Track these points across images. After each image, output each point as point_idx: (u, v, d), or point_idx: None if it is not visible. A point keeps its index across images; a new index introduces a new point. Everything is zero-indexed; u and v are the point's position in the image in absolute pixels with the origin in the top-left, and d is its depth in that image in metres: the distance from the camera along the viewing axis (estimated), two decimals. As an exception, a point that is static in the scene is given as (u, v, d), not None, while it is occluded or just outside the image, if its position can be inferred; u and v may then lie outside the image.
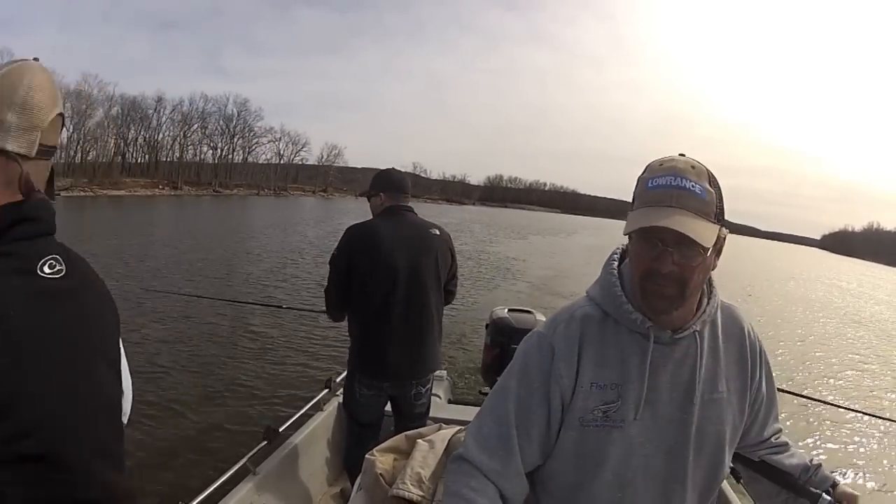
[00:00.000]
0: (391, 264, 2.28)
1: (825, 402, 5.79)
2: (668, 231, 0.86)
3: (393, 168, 2.50)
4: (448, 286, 2.48)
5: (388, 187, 2.38)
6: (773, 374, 1.11)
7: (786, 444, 1.16)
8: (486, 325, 3.82)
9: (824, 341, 12.56)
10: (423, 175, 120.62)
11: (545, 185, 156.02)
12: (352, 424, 2.49)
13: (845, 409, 6.09)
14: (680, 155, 0.94)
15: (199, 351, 6.72)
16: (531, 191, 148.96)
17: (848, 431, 6.37)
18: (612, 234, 49.39)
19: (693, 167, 0.90)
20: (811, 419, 6.50)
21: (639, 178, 0.95)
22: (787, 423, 6.33)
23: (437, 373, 3.68)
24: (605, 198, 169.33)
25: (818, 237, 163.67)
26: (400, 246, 2.29)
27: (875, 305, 23.89)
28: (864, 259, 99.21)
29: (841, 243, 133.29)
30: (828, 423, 6.43)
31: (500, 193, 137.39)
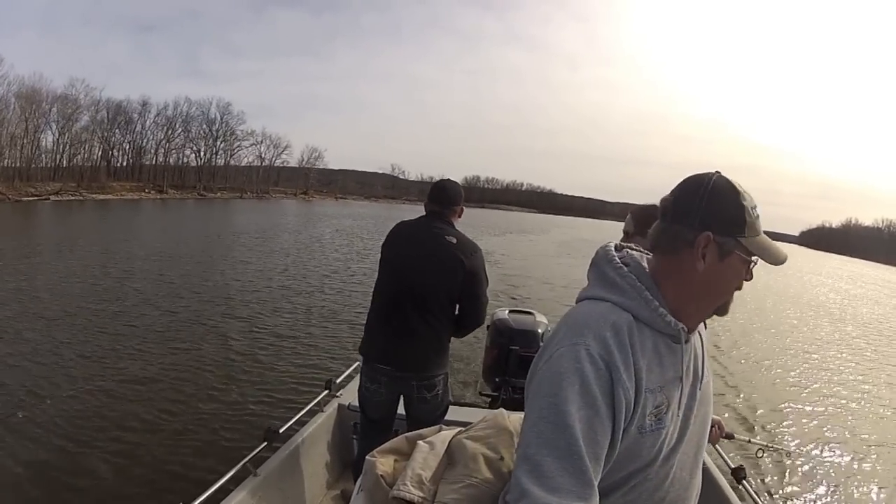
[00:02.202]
0: (398, 261, 2.43)
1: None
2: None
3: (447, 180, 2.58)
4: (463, 303, 2.45)
5: (428, 195, 2.53)
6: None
7: None
8: (487, 326, 3.83)
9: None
10: (401, 177, 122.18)
11: (522, 184, 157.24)
12: (362, 419, 2.55)
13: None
14: (717, 172, 1.00)
15: (198, 352, 6.76)
16: (508, 191, 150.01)
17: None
18: (583, 231, 51.75)
19: None
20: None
21: (734, 201, 0.97)
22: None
23: None
24: (581, 197, 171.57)
25: (797, 233, 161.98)
26: (410, 246, 2.42)
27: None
28: (841, 254, 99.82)
29: (819, 239, 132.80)
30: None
31: (477, 194, 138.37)
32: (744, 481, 2.23)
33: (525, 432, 0.90)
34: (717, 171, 0.99)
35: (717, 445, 2.26)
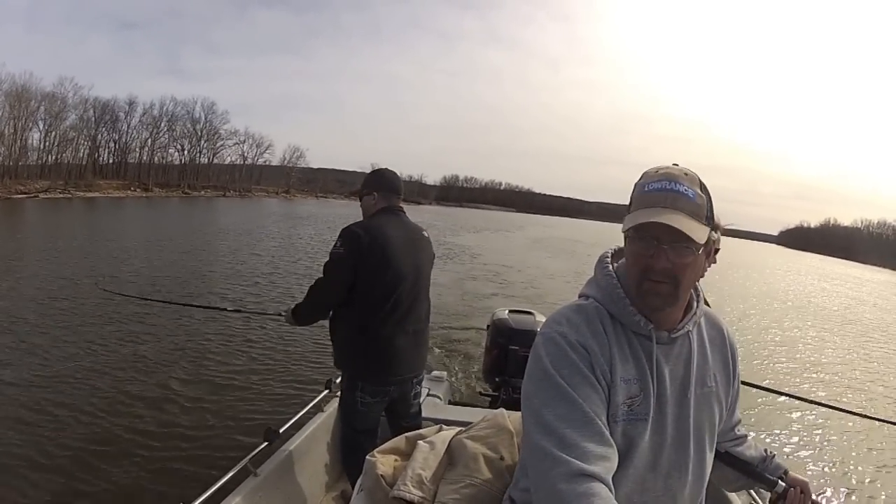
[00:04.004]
0: (399, 266, 2.29)
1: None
2: (664, 227, 0.95)
3: (386, 168, 2.47)
4: None
5: (382, 187, 2.39)
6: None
7: (745, 436, 1.31)
8: (487, 327, 3.90)
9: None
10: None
11: (501, 184, 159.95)
12: (348, 430, 2.48)
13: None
14: (674, 165, 1.03)
15: (198, 353, 6.70)
16: (487, 190, 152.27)
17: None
18: (560, 231, 53.58)
19: (686, 174, 1.00)
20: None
21: (635, 184, 1.03)
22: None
23: (437, 374, 3.77)
24: (559, 196, 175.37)
25: (776, 233, 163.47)
26: (404, 248, 2.32)
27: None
28: (820, 253, 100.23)
29: (797, 239, 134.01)
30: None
31: (456, 193, 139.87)
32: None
33: (536, 409, 0.96)
34: (673, 165, 1.03)
35: None
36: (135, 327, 7.60)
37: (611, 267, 1.10)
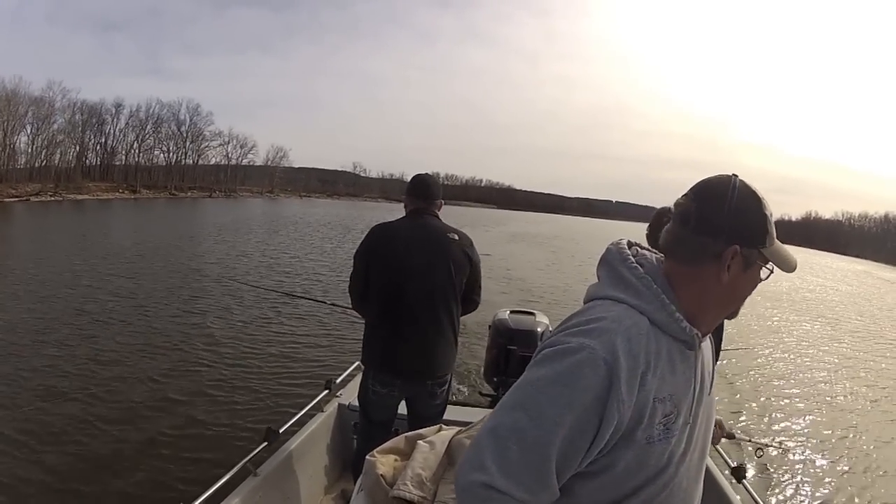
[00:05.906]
0: (404, 265, 2.36)
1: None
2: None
3: (426, 174, 2.57)
4: (470, 294, 2.53)
5: (411, 192, 2.50)
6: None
7: None
8: (489, 327, 3.96)
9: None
10: (362, 174, 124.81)
11: (481, 181, 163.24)
12: (363, 421, 2.53)
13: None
14: (734, 175, 0.98)
15: (198, 352, 6.72)
16: (468, 187, 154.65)
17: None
18: (541, 227, 55.46)
19: None
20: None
21: (759, 205, 0.97)
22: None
23: None
24: (541, 193, 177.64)
25: None
26: (414, 247, 2.38)
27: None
28: (800, 246, 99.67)
29: (778, 232, 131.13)
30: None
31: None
32: (744, 480, 2.19)
33: (506, 408, 0.89)
34: (735, 175, 0.97)
35: (717, 446, 2.21)
36: (133, 328, 7.69)
37: (640, 269, 0.98)
